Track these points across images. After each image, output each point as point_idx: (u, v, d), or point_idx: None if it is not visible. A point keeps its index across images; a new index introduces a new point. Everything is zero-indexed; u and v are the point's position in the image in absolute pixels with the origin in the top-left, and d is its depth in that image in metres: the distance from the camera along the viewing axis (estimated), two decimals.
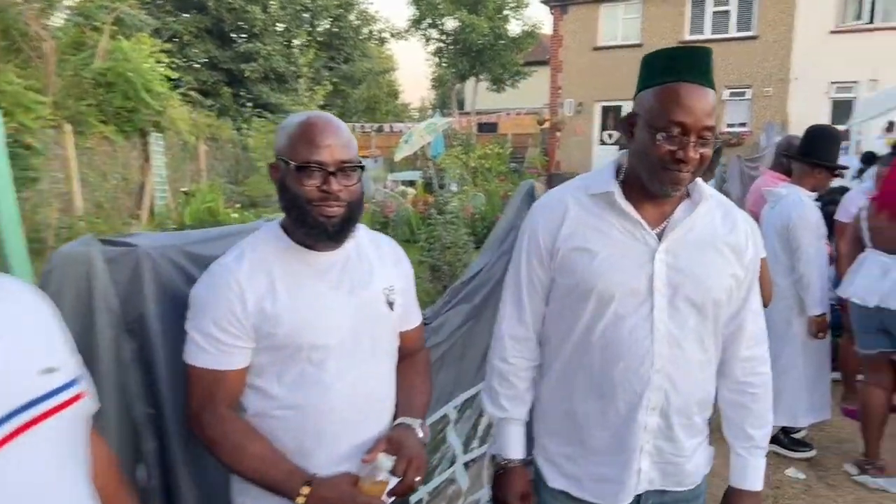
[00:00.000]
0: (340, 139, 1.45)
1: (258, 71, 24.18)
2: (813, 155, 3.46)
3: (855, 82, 15.70)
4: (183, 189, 13.49)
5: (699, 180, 1.49)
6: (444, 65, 27.11)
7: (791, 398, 3.70)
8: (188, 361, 1.45)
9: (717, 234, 1.50)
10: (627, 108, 14.98)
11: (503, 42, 25.24)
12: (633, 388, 1.48)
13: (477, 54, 25.03)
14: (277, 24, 25.42)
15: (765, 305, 2.73)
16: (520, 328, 1.63)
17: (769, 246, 3.54)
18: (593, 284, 1.47)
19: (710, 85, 1.37)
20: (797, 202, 3.43)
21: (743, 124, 17.37)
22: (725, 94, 17.47)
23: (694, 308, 1.47)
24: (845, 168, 4.22)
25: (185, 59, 22.94)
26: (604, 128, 19.36)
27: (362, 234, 1.62)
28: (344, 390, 1.48)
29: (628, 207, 1.47)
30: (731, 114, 17.66)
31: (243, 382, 1.48)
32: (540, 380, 1.67)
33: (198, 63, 24.51)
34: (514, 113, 19.68)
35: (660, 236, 1.47)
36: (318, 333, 1.46)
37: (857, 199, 4.26)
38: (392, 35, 29.26)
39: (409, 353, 1.71)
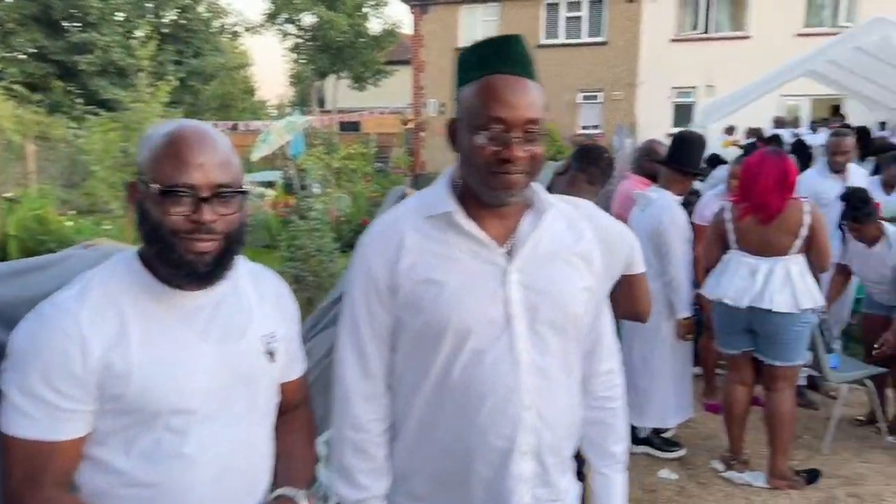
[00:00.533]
0: (217, 156, 1.17)
1: (95, 64, 22.10)
2: (682, 162, 3.50)
3: (693, 87, 16.94)
4: (7, 195, 11.99)
5: (538, 187, 1.35)
6: (302, 61, 26.36)
7: (661, 400, 3.74)
8: (5, 431, 1.11)
9: (565, 245, 1.36)
10: None
11: (363, 40, 24.95)
12: (502, 431, 1.28)
13: (337, 51, 24.55)
14: (116, 13, 23.41)
15: (643, 320, 2.67)
16: (367, 384, 1.35)
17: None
18: (447, 319, 1.26)
19: (530, 75, 1.24)
20: (667, 206, 3.46)
21: (596, 126, 18.21)
22: (579, 97, 18.25)
23: (554, 329, 1.32)
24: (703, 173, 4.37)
25: (8, 49, 20.64)
26: None
27: (240, 268, 1.31)
28: (210, 464, 1.21)
29: (470, 225, 1.29)
30: (585, 116, 18.47)
31: (79, 454, 1.16)
32: (392, 440, 1.40)
33: (24, 53, 22.09)
34: (377, 112, 19.44)
35: (509, 254, 1.30)
36: (180, 395, 1.18)
37: (711, 203, 4.41)
38: (246, 29, 27.97)
39: (288, 408, 1.43)
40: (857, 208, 3.94)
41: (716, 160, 6.82)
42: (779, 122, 14.51)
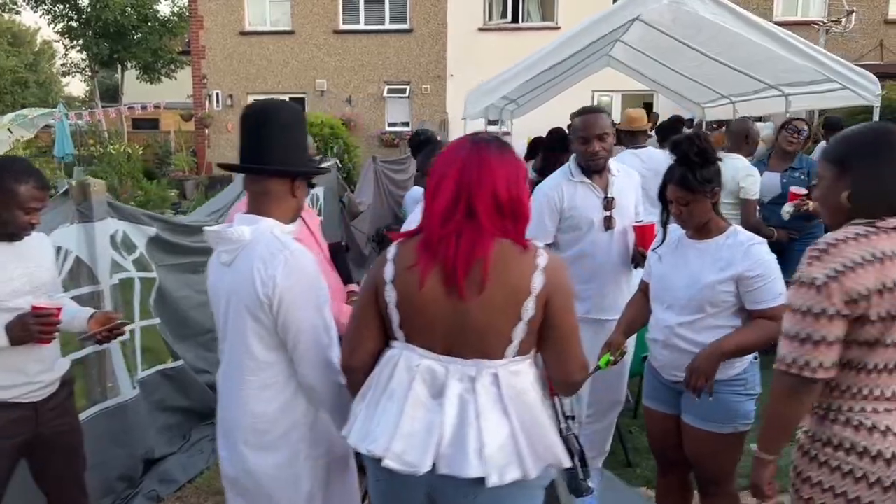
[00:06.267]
0: None
1: None
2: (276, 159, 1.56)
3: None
4: None
5: None
6: (74, 47, 22.69)
7: None
8: None
9: None
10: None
11: (151, 24, 21.71)
12: None
13: (117, 36, 21.09)
14: None
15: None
16: None
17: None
18: None
19: None
20: (272, 251, 1.51)
21: (406, 123, 16.49)
22: (385, 90, 16.44)
23: None
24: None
25: None
26: None
27: None
28: None
29: None
30: (392, 112, 16.70)
31: None
32: None
33: None
34: (151, 106, 16.49)
35: None
36: None
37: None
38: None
39: None
40: (691, 164, 2.23)
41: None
42: None
